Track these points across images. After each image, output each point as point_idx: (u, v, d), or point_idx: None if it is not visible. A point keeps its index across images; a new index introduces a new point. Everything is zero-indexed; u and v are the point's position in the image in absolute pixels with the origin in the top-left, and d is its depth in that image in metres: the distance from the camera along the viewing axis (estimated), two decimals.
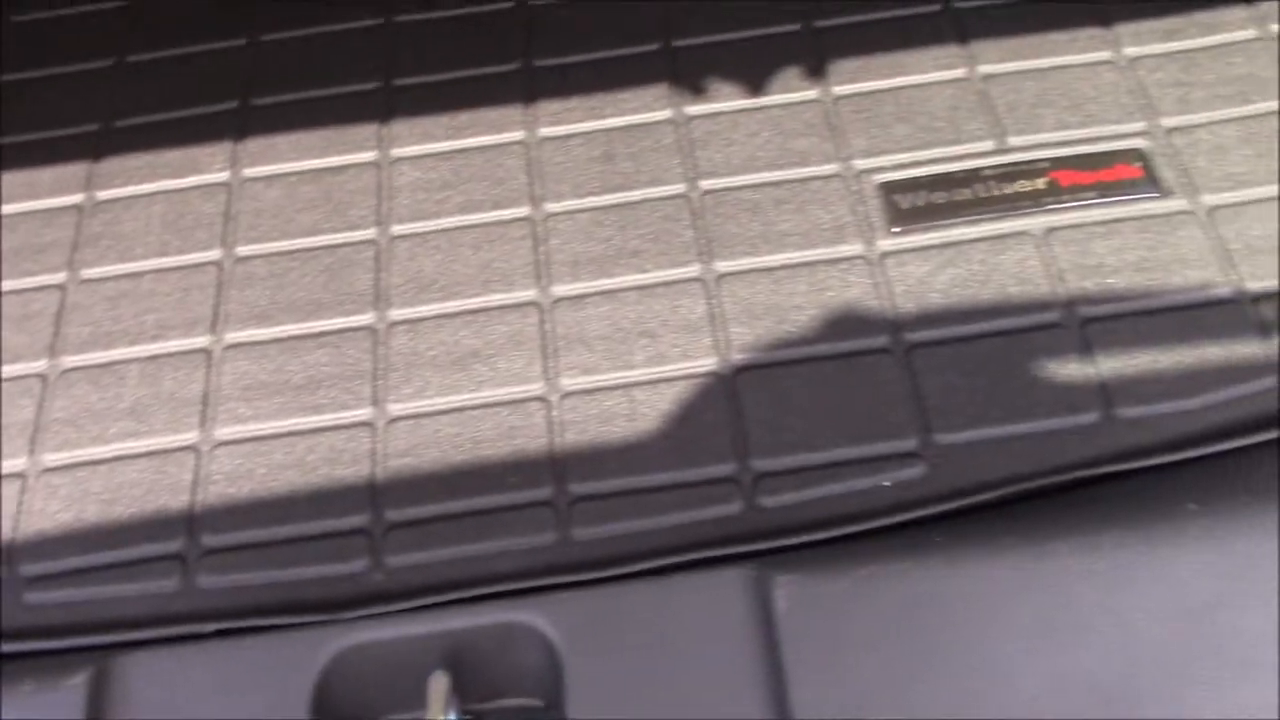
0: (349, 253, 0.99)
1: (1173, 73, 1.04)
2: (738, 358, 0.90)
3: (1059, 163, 0.99)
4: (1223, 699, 0.70)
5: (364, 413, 0.89)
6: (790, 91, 1.07)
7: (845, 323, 0.92)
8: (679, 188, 1.01)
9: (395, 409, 0.89)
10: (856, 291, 0.93)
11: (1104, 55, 1.06)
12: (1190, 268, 0.92)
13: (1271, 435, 0.81)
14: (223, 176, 1.06)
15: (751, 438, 0.86)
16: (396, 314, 0.95)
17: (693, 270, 0.95)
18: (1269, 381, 0.85)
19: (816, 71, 1.08)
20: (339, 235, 1.00)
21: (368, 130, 1.07)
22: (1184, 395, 0.85)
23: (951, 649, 0.72)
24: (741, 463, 0.84)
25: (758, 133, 1.04)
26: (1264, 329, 0.88)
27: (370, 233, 1.00)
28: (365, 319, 0.94)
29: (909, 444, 0.85)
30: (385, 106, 1.09)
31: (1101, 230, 0.95)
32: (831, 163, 1.02)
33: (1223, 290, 0.90)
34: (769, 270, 0.95)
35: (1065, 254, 0.93)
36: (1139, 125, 1.01)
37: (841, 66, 1.08)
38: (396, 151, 1.06)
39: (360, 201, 1.02)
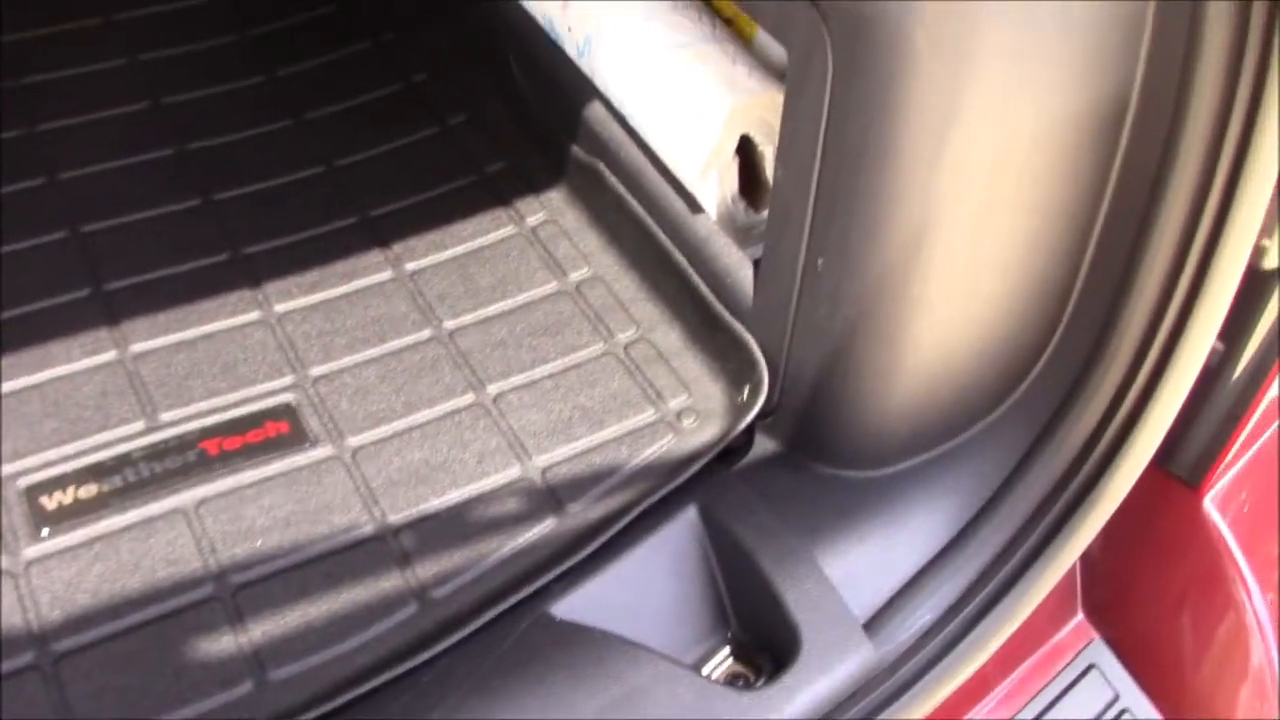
0: None
1: (318, 323, 1.11)
2: None
3: (208, 432, 1.02)
4: None
5: None
6: None
7: None
8: None
9: None
10: None
11: (254, 315, 1.12)
12: (336, 513, 0.97)
13: (413, 663, 0.86)
14: None
15: None
16: None
17: None
18: (411, 609, 0.91)
19: None
20: None
21: None
22: (334, 642, 0.89)
23: None
24: None
25: None
26: (405, 559, 0.94)
27: None
28: None
29: None
30: None
31: (253, 492, 0.98)
32: None
33: (366, 528, 0.96)
34: None
35: (216, 524, 0.95)
36: (288, 380, 1.07)
37: None
38: None
39: None
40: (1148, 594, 1.08)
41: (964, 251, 0.83)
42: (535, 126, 1.26)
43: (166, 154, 1.28)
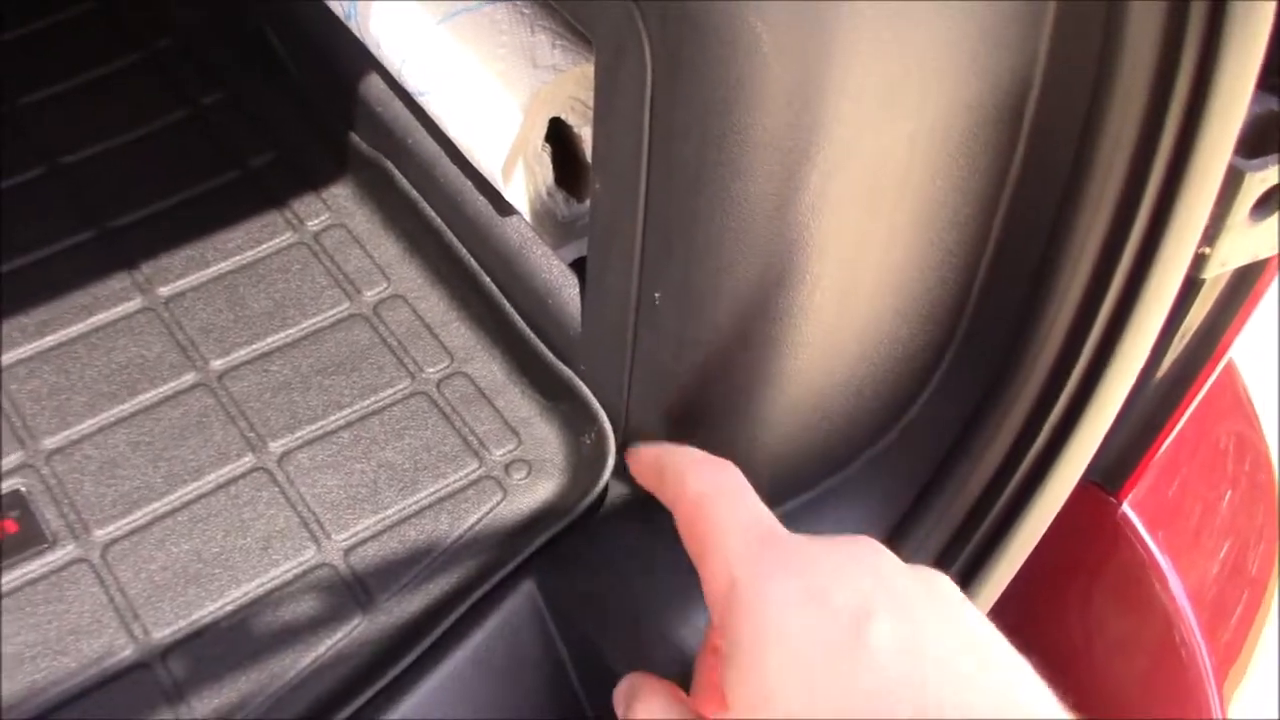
0: None
1: (48, 377, 0.94)
2: None
3: None
4: None
5: None
6: None
7: None
8: None
9: None
10: None
11: None
12: (86, 637, 0.81)
13: None
14: None
15: None
16: None
17: None
18: None
19: None
20: None
21: None
22: None
23: None
24: None
25: None
26: (176, 691, 0.79)
27: None
28: None
29: None
30: None
31: None
32: None
33: (126, 653, 0.80)
34: None
35: None
36: (15, 459, 0.89)
37: None
38: None
39: None
40: (1062, 612, 0.98)
41: (835, 282, 0.69)
42: (306, 106, 1.07)
43: None
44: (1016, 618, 0.93)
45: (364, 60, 0.97)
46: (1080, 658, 0.99)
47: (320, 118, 1.05)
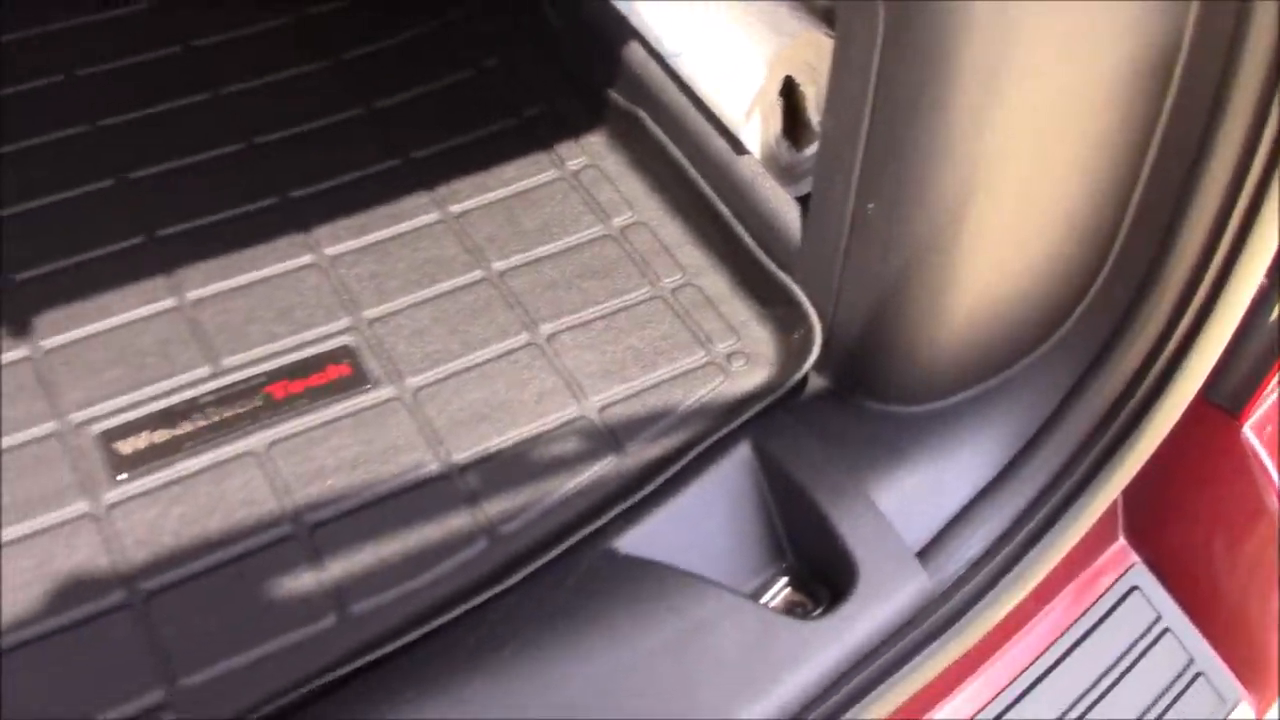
0: None
1: (369, 265, 1.19)
2: None
3: (272, 376, 1.10)
4: None
5: None
6: None
7: (76, 590, 0.96)
8: None
9: None
10: (85, 553, 0.98)
11: (306, 259, 1.19)
12: (402, 453, 1.05)
13: (484, 597, 0.94)
14: None
15: None
16: None
17: None
18: (480, 545, 1.00)
19: (21, 330, 1.12)
20: None
21: None
22: (408, 578, 0.98)
23: None
24: None
25: None
26: (471, 497, 1.02)
27: None
28: None
29: (156, 696, 0.91)
30: None
31: (320, 434, 1.06)
32: (48, 421, 1.06)
33: (432, 467, 1.04)
34: None
35: (287, 466, 1.04)
36: (345, 322, 1.14)
37: (45, 320, 1.13)
38: None
39: None
40: (1188, 518, 1.16)
41: (1014, 200, 0.90)
42: (571, 68, 1.33)
43: (203, 98, 1.34)
44: (1149, 522, 1.12)
45: (625, 29, 1.22)
46: (1200, 561, 1.17)
47: (582, 77, 1.31)
